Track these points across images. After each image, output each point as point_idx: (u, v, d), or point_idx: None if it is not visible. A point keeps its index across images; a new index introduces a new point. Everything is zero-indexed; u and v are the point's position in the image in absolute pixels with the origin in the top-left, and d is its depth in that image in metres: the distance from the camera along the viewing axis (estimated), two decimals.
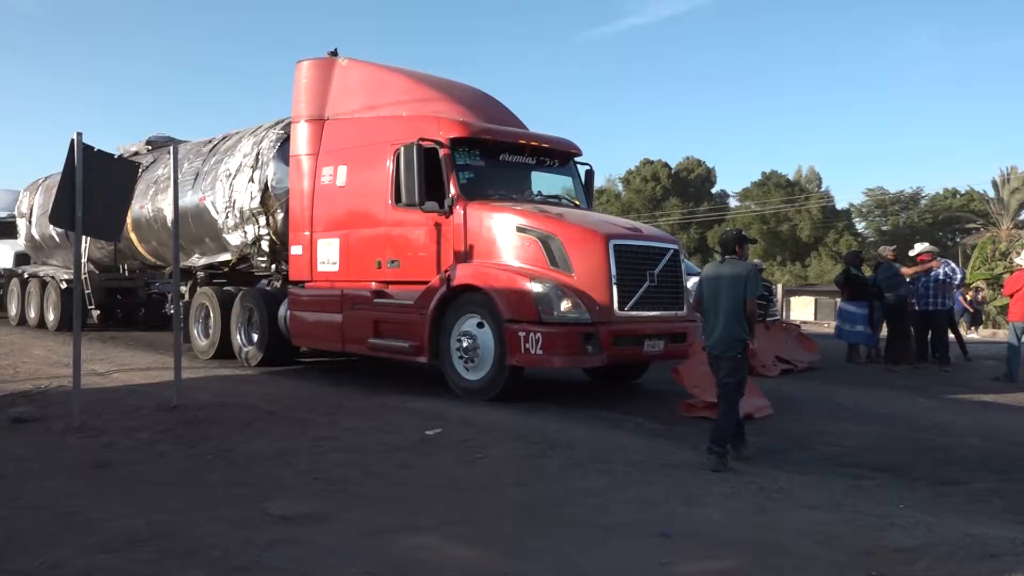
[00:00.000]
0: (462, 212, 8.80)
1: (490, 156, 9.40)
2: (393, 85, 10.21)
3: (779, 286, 18.80)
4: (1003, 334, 15.32)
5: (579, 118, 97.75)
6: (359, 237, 9.87)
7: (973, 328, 23.71)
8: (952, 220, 53.79)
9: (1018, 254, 15.81)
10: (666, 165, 61.23)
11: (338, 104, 10.42)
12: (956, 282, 13.09)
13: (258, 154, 11.55)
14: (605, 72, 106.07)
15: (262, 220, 11.43)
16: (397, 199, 9.17)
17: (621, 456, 6.12)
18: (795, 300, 35.74)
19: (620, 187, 63.71)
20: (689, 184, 61.86)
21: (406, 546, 4.21)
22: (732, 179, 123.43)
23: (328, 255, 10.22)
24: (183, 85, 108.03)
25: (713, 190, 63.58)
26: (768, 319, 12.25)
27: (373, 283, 9.65)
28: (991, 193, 47.96)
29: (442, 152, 8.98)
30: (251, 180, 11.48)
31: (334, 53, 10.67)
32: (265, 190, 11.30)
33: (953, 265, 13.66)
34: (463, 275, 8.57)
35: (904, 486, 5.73)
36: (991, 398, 10.04)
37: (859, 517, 4.74)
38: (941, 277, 12.78)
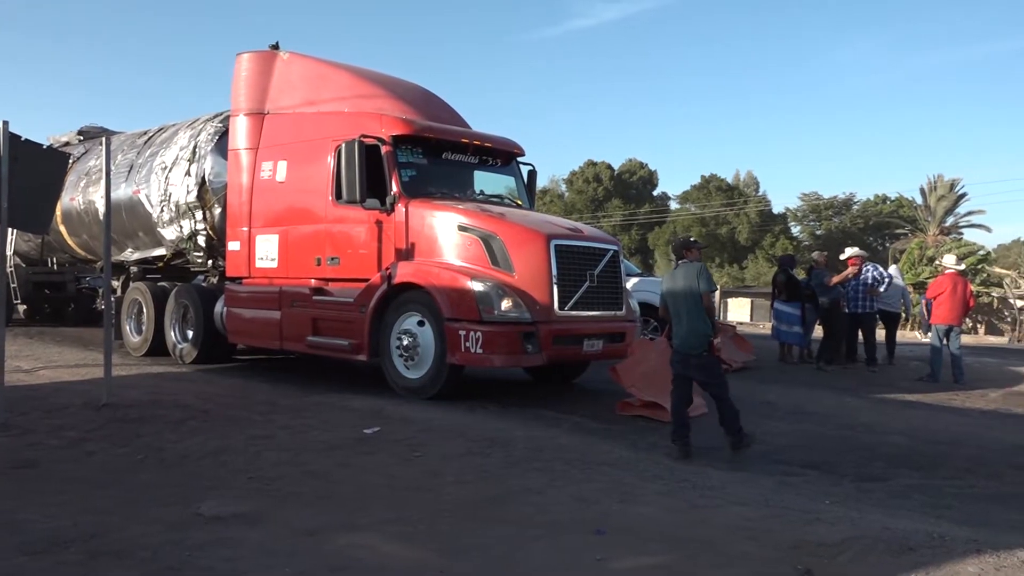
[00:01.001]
0: (404, 210, 8.76)
1: (432, 154, 9.38)
2: (335, 81, 10.11)
3: (717, 287, 19.20)
4: (928, 336, 15.85)
5: (524, 118, 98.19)
6: (299, 233, 9.75)
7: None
8: (882, 225, 55.63)
9: (943, 259, 16.40)
10: (609, 167, 61.87)
11: (278, 98, 10.27)
12: (883, 286, 13.54)
13: (195, 147, 11.32)
14: (551, 73, 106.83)
15: (199, 215, 11.20)
16: (338, 196, 9.08)
17: (559, 454, 6.18)
18: (732, 301, 36.41)
19: (563, 188, 64.14)
20: (631, 186, 62.60)
21: (342, 545, 4.19)
22: (673, 182, 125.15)
23: (267, 251, 10.07)
24: (117, 76, 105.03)
25: (655, 192, 64.47)
26: None
27: (312, 280, 9.55)
28: (919, 200, 49.73)
29: (384, 149, 8.93)
30: (188, 173, 11.24)
31: (275, 47, 10.50)
32: (202, 184, 11.08)
33: (881, 269, 14.13)
34: (404, 273, 8.53)
35: (831, 482, 5.92)
36: (915, 398, 10.42)
37: (787, 513, 4.88)
38: (870, 281, 13.23)
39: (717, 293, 24.59)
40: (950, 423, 8.61)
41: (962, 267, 12.69)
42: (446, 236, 8.61)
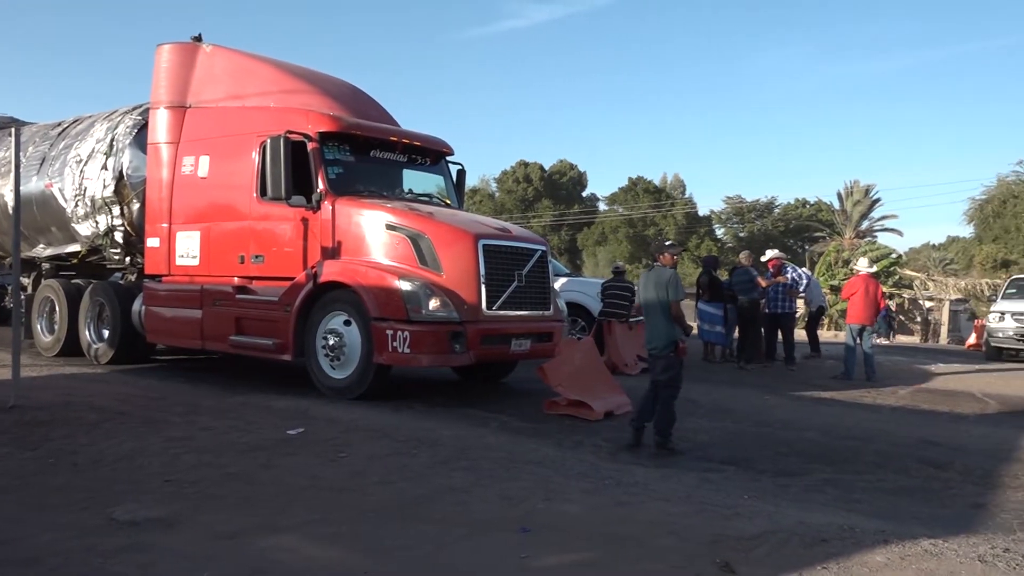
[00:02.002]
0: (330, 208, 8.65)
1: (360, 152, 9.28)
2: (261, 75, 9.90)
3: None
4: (843, 335, 16.45)
5: (456, 118, 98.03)
6: (222, 230, 9.53)
7: (886, 336, 25.59)
8: (802, 228, 57.48)
9: (857, 261, 17.07)
10: (540, 167, 62.27)
11: (201, 92, 10.01)
12: (802, 287, 13.98)
13: (113, 140, 10.94)
14: (482, 73, 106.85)
15: (116, 210, 10.83)
16: (263, 192, 8.91)
17: (485, 454, 6.20)
18: None
19: (494, 187, 64.28)
20: (561, 187, 63.14)
21: (263, 547, 4.11)
22: (602, 183, 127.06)
23: (188, 248, 9.81)
24: (29, 64, 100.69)
25: (584, 193, 65.19)
26: (632, 320, 12.66)
27: (236, 278, 9.34)
28: (836, 204, 51.57)
29: (310, 146, 8.79)
30: (104, 167, 10.86)
31: (198, 38, 10.23)
32: (120, 178, 10.72)
33: (800, 271, 14.62)
34: (330, 272, 8.42)
35: (750, 478, 6.10)
36: (829, 395, 10.80)
37: (708, 508, 5.00)
38: (789, 282, 13.66)
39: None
40: (862, 419, 8.95)
41: (874, 269, 13.23)
42: (374, 235, 8.54)
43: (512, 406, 8.53)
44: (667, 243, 7.33)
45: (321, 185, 8.71)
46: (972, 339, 23.44)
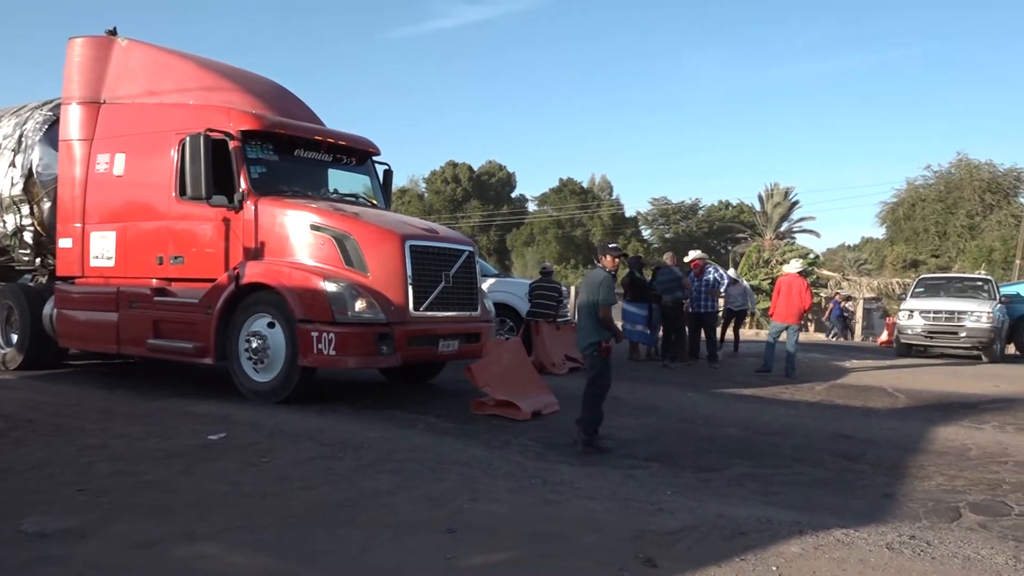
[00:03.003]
0: (253, 208, 8.48)
1: (284, 151, 9.12)
2: (180, 71, 9.64)
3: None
4: (765, 334, 16.94)
5: (384, 118, 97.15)
6: (139, 231, 9.24)
7: (843, 336, 26.34)
8: (725, 230, 58.98)
9: (786, 262, 17.59)
10: (469, 168, 62.25)
11: (117, 87, 9.69)
12: (723, 286, 14.34)
13: (21, 136, 10.49)
14: (411, 72, 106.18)
15: (25, 209, 10.40)
16: (182, 192, 8.67)
17: (412, 455, 6.17)
18: None
19: (423, 188, 63.98)
20: (490, 187, 63.27)
21: (182, 556, 4.00)
22: (531, 184, 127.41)
23: (103, 249, 9.48)
24: None
25: (513, 194, 65.44)
26: (559, 319, 12.79)
27: (154, 280, 9.07)
28: (758, 206, 53.08)
29: (232, 144, 8.60)
30: (13, 164, 10.41)
31: (113, 32, 9.90)
32: (29, 176, 10.29)
33: (721, 271, 14.99)
34: (253, 273, 8.25)
35: (673, 474, 6.22)
36: (750, 392, 11.11)
37: (632, 504, 5.08)
38: (711, 282, 13.99)
39: (572, 292, 25.28)
40: (780, 415, 9.24)
41: (799, 269, 13.67)
42: (298, 235, 8.40)
43: (440, 407, 8.51)
44: (610, 245, 7.32)
45: (243, 185, 8.53)
46: (884, 336, 24.39)
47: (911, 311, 17.37)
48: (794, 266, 13.88)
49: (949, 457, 7.13)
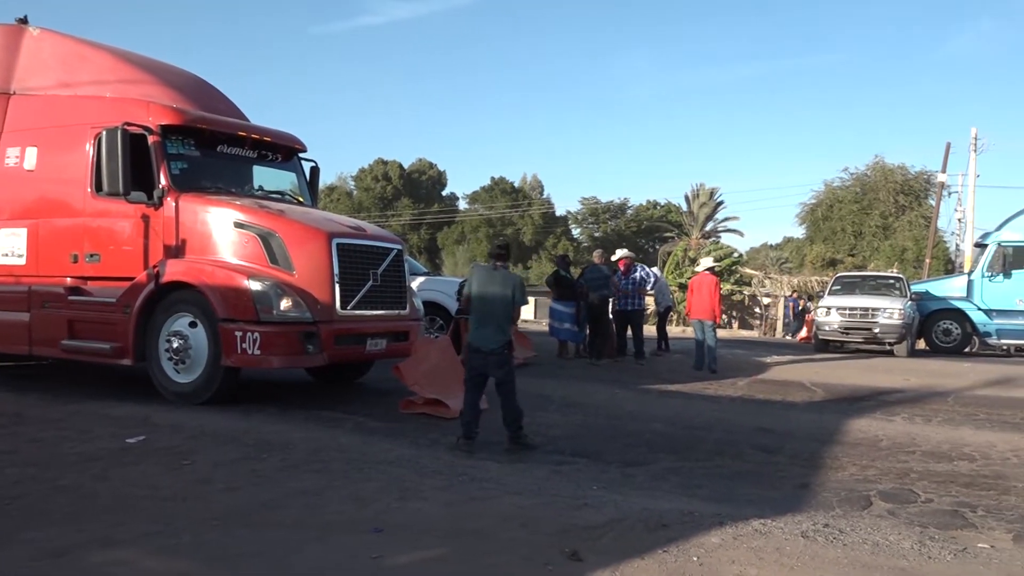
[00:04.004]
0: (174, 204, 8.26)
1: (207, 147, 8.91)
2: (96, 62, 9.31)
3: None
4: (691, 331, 17.30)
5: (312, 115, 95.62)
6: (52, 228, 8.91)
7: (794, 334, 26.83)
8: (653, 229, 59.98)
9: (701, 260, 17.98)
10: (399, 166, 61.82)
11: (27, 78, 9.32)
12: (650, 285, 14.60)
13: None
14: (340, 70, 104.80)
15: None
16: (98, 187, 8.39)
17: (338, 455, 6.11)
18: None
19: (352, 185, 63.25)
20: (421, 185, 62.99)
21: (96, 563, 3.88)
22: (462, 183, 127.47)
23: (12, 247, 9.11)
24: None
25: (444, 192, 65.29)
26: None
27: (68, 279, 8.76)
28: (684, 206, 54.12)
29: (151, 139, 8.36)
30: None
31: (23, 20, 9.51)
32: None
33: (648, 269, 15.25)
34: (174, 271, 8.04)
35: (599, 469, 6.32)
36: (675, 387, 11.34)
37: (557, 500, 5.14)
38: (638, 280, 14.22)
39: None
40: (703, 409, 9.47)
41: (711, 266, 14.03)
42: (221, 233, 8.22)
43: (367, 406, 8.44)
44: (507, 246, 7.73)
45: (163, 181, 8.30)
46: (804, 332, 25.18)
47: (828, 308, 17.97)
48: (704, 263, 14.22)
49: (861, 448, 7.43)
